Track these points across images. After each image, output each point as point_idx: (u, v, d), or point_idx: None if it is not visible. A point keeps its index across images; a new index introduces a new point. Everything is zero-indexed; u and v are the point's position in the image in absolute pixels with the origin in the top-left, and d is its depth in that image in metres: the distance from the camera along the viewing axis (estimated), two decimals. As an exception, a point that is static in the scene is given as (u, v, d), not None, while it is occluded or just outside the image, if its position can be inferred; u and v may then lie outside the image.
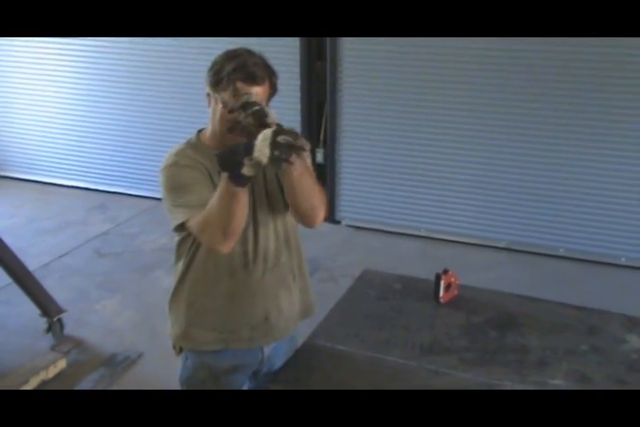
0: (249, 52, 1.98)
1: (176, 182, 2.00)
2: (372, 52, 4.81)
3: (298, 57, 4.90)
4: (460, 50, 4.60)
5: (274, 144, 1.70)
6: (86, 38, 5.45)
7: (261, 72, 1.94)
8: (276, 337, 2.24)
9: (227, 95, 1.93)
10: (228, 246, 1.93)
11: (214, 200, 1.87)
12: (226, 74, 1.92)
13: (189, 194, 1.96)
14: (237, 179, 1.79)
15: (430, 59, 4.70)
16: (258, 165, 1.74)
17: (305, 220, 2.08)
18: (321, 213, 2.06)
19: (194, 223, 1.93)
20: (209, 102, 2.01)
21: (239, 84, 1.91)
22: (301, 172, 1.88)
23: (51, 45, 5.64)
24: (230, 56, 1.95)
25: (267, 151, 1.70)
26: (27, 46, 5.72)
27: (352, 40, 4.80)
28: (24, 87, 5.91)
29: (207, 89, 2.00)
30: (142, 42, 5.36)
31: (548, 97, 4.51)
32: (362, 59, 4.86)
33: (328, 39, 4.83)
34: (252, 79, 1.92)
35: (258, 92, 1.94)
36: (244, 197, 1.86)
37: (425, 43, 4.66)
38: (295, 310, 2.26)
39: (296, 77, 4.92)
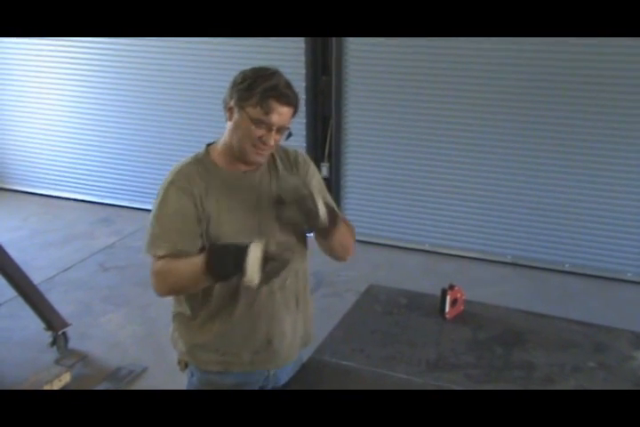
0: (279, 72, 1.98)
1: (160, 208, 2.02)
2: (378, 66, 4.84)
3: (303, 71, 4.93)
4: (466, 65, 4.62)
5: (264, 267, 1.79)
6: (93, 50, 5.51)
7: (292, 94, 1.96)
8: (279, 363, 2.22)
9: (256, 112, 1.92)
10: (162, 296, 2.06)
11: (183, 269, 1.94)
12: (260, 91, 1.91)
13: (162, 228, 2.00)
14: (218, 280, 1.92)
15: (436, 73, 4.72)
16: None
17: (335, 257, 2.21)
18: (351, 249, 2.19)
19: (153, 261, 2.01)
20: (230, 116, 1.99)
21: (272, 103, 1.92)
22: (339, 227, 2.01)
23: (54, 59, 5.69)
24: (262, 74, 1.95)
25: (257, 277, 1.79)
26: (29, 58, 5.77)
27: (357, 54, 4.83)
28: (29, 101, 5.95)
29: (231, 103, 1.97)
30: (149, 55, 5.40)
31: (555, 112, 4.52)
32: (367, 73, 4.88)
33: (334, 54, 4.86)
34: (286, 99, 1.94)
35: (287, 112, 1.96)
36: (209, 285, 1.98)
37: (430, 58, 4.69)
38: (297, 337, 2.24)
39: (301, 92, 4.91)
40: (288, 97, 1.94)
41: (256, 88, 1.92)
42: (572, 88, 4.43)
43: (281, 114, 1.94)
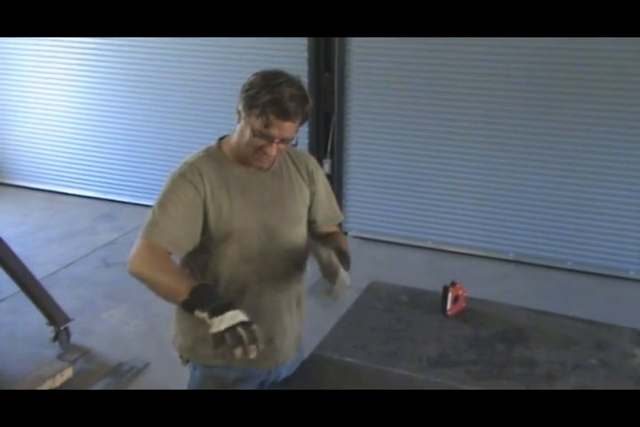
0: (288, 82, 1.91)
1: (166, 196, 2.01)
2: (380, 63, 4.83)
3: (306, 68, 4.92)
4: (467, 62, 4.62)
5: (232, 329, 1.71)
6: (95, 46, 5.51)
7: (296, 107, 1.90)
8: (279, 361, 2.24)
9: (258, 124, 1.91)
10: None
11: (164, 287, 1.95)
12: (261, 104, 1.88)
13: (164, 216, 2.00)
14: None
15: (438, 70, 4.71)
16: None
17: None
18: None
19: (141, 242, 2.05)
20: (238, 119, 1.99)
21: (272, 118, 1.89)
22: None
23: (57, 54, 5.70)
24: (269, 84, 1.89)
25: (221, 335, 1.71)
26: (33, 54, 5.78)
27: (360, 51, 4.83)
28: (32, 97, 5.95)
29: (239, 107, 1.96)
30: (152, 51, 5.40)
31: (559, 110, 4.52)
32: (370, 70, 4.88)
33: (337, 51, 4.86)
34: (286, 115, 1.89)
35: (289, 126, 1.92)
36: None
37: (432, 55, 4.69)
38: (295, 337, 2.27)
39: (304, 88, 4.94)
40: (288, 112, 1.89)
41: (259, 99, 1.88)
42: (575, 86, 4.43)
43: (282, 128, 1.91)
